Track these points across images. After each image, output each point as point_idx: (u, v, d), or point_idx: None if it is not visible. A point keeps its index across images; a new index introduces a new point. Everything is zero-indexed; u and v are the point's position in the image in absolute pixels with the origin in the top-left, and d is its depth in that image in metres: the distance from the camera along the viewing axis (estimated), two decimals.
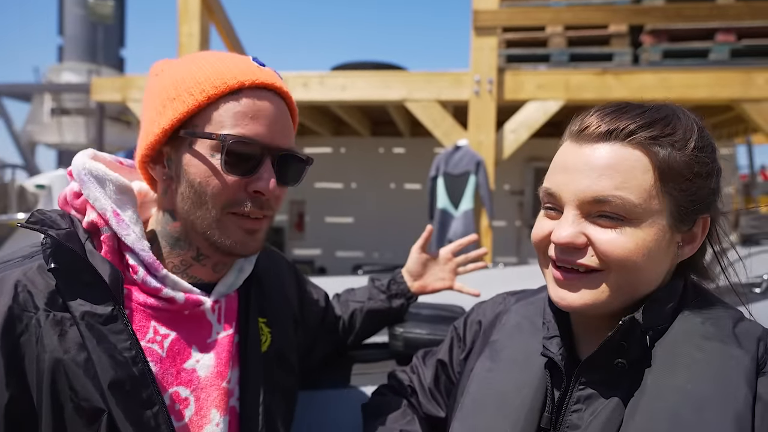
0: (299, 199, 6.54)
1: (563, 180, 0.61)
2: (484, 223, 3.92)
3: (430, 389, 0.89)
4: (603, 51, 4.08)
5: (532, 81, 3.88)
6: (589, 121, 0.62)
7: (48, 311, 0.61)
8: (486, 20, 3.83)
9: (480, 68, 3.84)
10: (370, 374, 1.09)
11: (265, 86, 0.71)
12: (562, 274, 0.62)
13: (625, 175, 0.58)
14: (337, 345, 1.12)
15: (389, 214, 6.11)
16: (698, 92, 3.66)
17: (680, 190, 0.59)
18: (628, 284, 0.60)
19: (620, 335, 0.58)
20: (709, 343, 0.57)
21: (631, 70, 3.83)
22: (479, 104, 3.85)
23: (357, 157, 6.39)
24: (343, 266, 6.04)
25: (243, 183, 0.69)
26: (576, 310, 0.62)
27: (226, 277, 0.79)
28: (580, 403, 0.60)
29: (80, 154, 0.73)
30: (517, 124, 3.89)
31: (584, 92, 3.79)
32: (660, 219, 0.59)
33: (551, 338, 0.66)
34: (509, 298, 0.85)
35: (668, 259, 0.61)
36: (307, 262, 6.02)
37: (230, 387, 0.76)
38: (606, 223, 0.59)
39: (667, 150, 0.59)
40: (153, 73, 0.75)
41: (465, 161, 3.81)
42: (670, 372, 0.56)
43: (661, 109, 0.62)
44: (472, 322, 0.86)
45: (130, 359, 0.62)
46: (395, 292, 1.14)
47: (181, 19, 4.21)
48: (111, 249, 0.69)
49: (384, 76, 4.11)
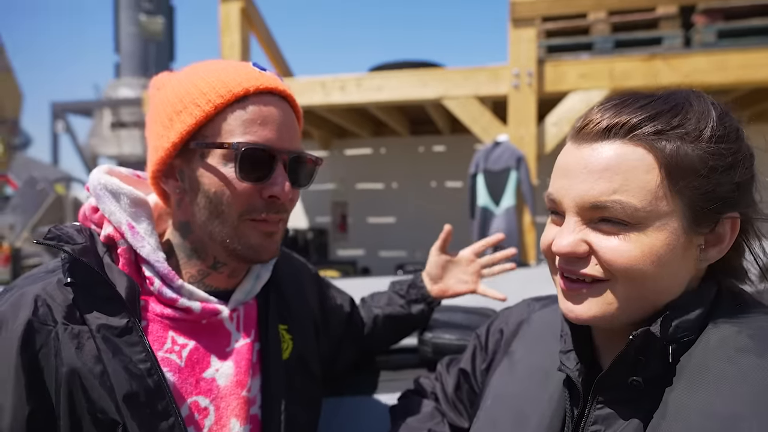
0: (341, 200, 6.59)
1: (563, 185, 0.56)
2: (527, 219, 3.79)
3: (452, 398, 0.85)
4: (651, 35, 3.84)
5: (574, 71, 3.70)
6: (590, 117, 0.56)
7: (66, 325, 0.62)
8: (524, 11, 3.69)
9: (519, 61, 3.71)
10: (398, 381, 1.07)
11: (269, 91, 0.70)
12: (566, 284, 0.57)
13: (626, 176, 0.51)
14: (363, 351, 1.09)
15: (431, 212, 6.04)
16: (758, 73, 3.37)
17: (693, 188, 0.51)
18: (639, 294, 0.53)
19: (635, 350, 0.52)
20: (743, 356, 0.50)
21: (682, 53, 3.58)
22: (519, 98, 3.73)
23: (397, 156, 6.37)
24: (387, 266, 6.03)
25: (258, 189, 0.70)
26: (585, 323, 0.57)
27: (243, 284, 0.79)
28: (598, 424, 0.55)
29: (96, 169, 0.75)
30: (559, 117, 3.74)
31: (630, 80, 3.58)
32: (671, 221, 0.52)
33: (568, 352, 0.61)
34: (534, 304, 0.80)
35: (688, 264, 0.54)
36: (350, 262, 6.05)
37: (251, 395, 0.75)
38: (609, 228, 0.53)
39: (676, 144, 0.51)
40: (155, 87, 0.76)
41: (505, 157, 3.70)
42: (695, 390, 0.50)
43: (671, 97, 0.55)
44: (495, 331, 0.82)
45: (145, 371, 0.62)
46: (414, 297, 1.08)
47: (223, 30, 4.34)
48: (128, 261, 0.70)
49: (420, 74, 4.06)
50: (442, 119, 5.26)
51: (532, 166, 3.70)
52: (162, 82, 0.75)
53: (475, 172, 3.91)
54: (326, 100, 4.22)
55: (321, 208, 6.62)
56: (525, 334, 0.74)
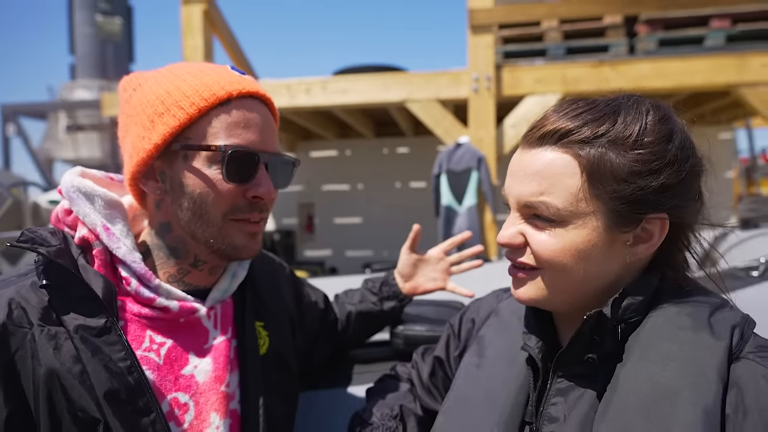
0: (308, 202, 6.55)
1: (508, 183, 0.63)
2: (488, 217, 3.90)
3: (427, 384, 0.88)
4: (599, 43, 4.02)
5: (529, 76, 3.84)
6: (534, 124, 0.61)
7: (42, 326, 0.61)
8: (481, 18, 3.80)
9: (477, 66, 3.82)
10: (372, 373, 1.09)
11: (251, 95, 0.71)
12: (510, 270, 0.64)
13: (552, 180, 0.57)
14: (338, 346, 1.11)
15: (396, 212, 6.10)
16: (695, 79, 3.61)
17: (612, 191, 0.56)
18: (563, 282, 0.59)
19: (590, 329, 0.57)
20: (682, 333, 0.55)
21: (627, 60, 3.78)
22: (478, 101, 3.83)
23: (362, 158, 6.39)
24: (354, 265, 6.04)
25: (242, 190, 0.71)
26: (525, 303, 0.64)
27: (219, 283, 0.79)
28: (558, 396, 0.60)
29: (68, 172, 0.73)
30: (517, 119, 3.86)
31: (581, 84, 3.75)
32: (592, 221, 0.57)
33: (529, 333, 0.66)
34: (502, 294, 0.84)
35: (614, 258, 0.59)
36: (318, 263, 6.03)
37: (230, 391, 0.76)
38: (540, 224, 0.60)
39: (599, 151, 0.56)
40: (129, 88, 0.74)
41: (467, 158, 3.79)
42: (643, 364, 0.55)
43: (606, 105, 0.59)
44: (467, 320, 0.85)
45: (125, 369, 0.62)
46: (386, 295, 1.10)
47: (185, 33, 4.24)
48: (103, 262, 0.69)
49: (384, 78, 4.10)
50: (405, 121, 5.32)
51: (492, 166, 3.80)
52: (137, 83, 0.73)
53: (438, 172, 3.98)
54: (292, 103, 4.19)
55: (288, 209, 6.56)
56: (494, 322, 0.78)
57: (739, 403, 0.50)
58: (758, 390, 0.50)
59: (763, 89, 3.54)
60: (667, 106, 0.61)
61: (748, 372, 0.51)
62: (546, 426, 0.59)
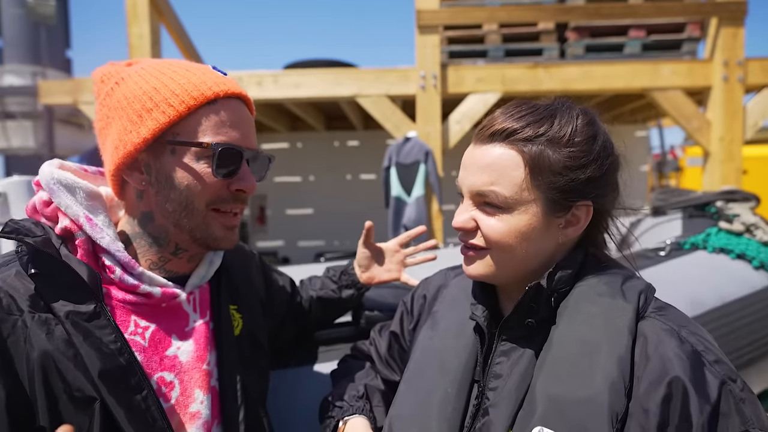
0: (260, 193, 6.42)
1: (462, 175, 0.70)
2: (434, 207, 4.03)
3: (385, 357, 0.94)
4: (534, 46, 4.24)
5: (472, 75, 3.99)
6: (485, 123, 0.69)
7: (33, 313, 0.62)
8: (428, 19, 3.89)
9: (425, 64, 3.91)
10: (337, 350, 1.14)
11: (234, 95, 0.74)
12: (462, 250, 0.71)
13: (500, 172, 0.65)
14: (303, 327, 1.16)
15: (347, 203, 6.13)
16: (616, 82, 3.89)
17: (550, 182, 0.65)
18: (508, 259, 0.68)
19: (529, 299, 0.66)
20: (601, 298, 0.65)
21: (558, 63, 4.01)
22: (425, 98, 3.93)
23: (313, 151, 6.34)
24: (306, 255, 6.01)
25: (226, 183, 0.74)
26: (475, 278, 0.72)
27: (198, 270, 0.82)
28: (502, 356, 0.68)
29: (46, 164, 0.73)
30: (461, 116, 4.00)
31: (518, 84, 3.94)
32: (532, 207, 0.65)
33: (476, 304, 0.74)
34: (449, 272, 0.91)
35: (550, 239, 0.68)
36: (271, 253, 5.95)
37: (210, 369, 0.79)
38: (489, 210, 0.67)
39: (539, 148, 0.64)
40: (110, 81, 0.74)
41: (415, 151, 3.89)
42: (571, 324, 0.64)
43: (545, 108, 0.68)
44: (419, 297, 0.92)
45: (116, 350, 0.64)
46: (346, 283, 1.14)
47: (130, 21, 4.01)
48: (86, 252, 0.70)
49: (336, 73, 4.10)
50: (356, 116, 5.34)
51: (438, 159, 3.93)
52: (119, 76, 0.73)
53: (388, 165, 4.06)
54: None
55: None
56: (444, 298, 0.85)
57: (643, 351, 0.61)
58: (658, 339, 0.61)
59: (672, 93, 3.89)
60: (592, 110, 0.70)
61: (650, 327, 0.62)
62: (492, 382, 0.67)
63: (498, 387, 0.66)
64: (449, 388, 0.70)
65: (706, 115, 3.93)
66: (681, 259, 1.46)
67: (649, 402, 0.57)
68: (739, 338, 1.27)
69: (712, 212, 1.71)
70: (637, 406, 0.57)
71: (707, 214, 1.72)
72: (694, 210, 1.76)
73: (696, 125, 3.92)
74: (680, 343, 0.59)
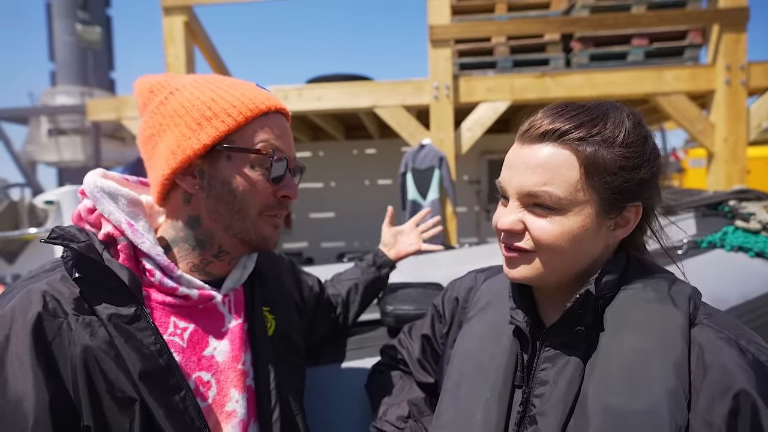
0: None
1: (508, 176, 0.63)
2: (448, 210, 3.97)
3: (419, 360, 0.89)
4: (540, 57, 4.15)
5: (482, 85, 3.92)
6: (531, 123, 0.62)
7: (77, 315, 0.59)
8: (440, 34, 3.84)
9: (437, 76, 3.86)
10: (366, 348, 1.10)
11: (279, 110, 0.75)
12: (505, 252, 0.64)
13: (554, 172, 0.58)
14: (334, 323, 1.12)
15: (365, 207, 6.10)
16: (619, 89, 3.79)
17: (605, 183, 0.58)
18: (558, 263, 0.61)
19: (578, 305, 0.59)
20: (650, 305, 0.59)
21: (564, 72, 3.92)
22: (439, 107, 3.88)
23: (334, 159, 6.34)
24: (328, 255, 6.01)
25: (274, 190, 0.73)
26: (518, 282, 0.64)
27: (232, 273, 0.79)
28: (547, 363, 0.61)
29: (91, 173, 0.70)
30: (472, 123, 3.94)
31: (527, 93, 3.86)
32: (587, 208, 0.59)
33: (516, 308, 0.68)
34: (479, 275, 0.85)
35: (600, 241, 0.61)
36: (296, 254, 5.96)
37: (245, 369, 0.75)
38: (540, 212, 0.60)
39: (594, 148, 0.58)
40: (163, 91, 0.72)
41: (429, 157, 3.84)
42: (619, 333, 0.58)
43: (594, 109, 0.62)
44: (449, 299, 0.86)
45: (155, 352, 0.61)
46: (380, 263, 1.20)
47: (167, 43, 4.07)
48: (128, 256, 0.67)
49: (354, 86, 4.08)
50: (373, 125, 5.32)
51: (452, 164, 3.87)
52: (172, 87, 0.72)
53: (404, 170, 4.02)
54: None
55: None
56: (477, 301, 0.79)
57: (699, 360, 0.54)
58: (716, 348, 0.54)
59: (676, 98, 3.76)
60: (638, 113, 0.64)
61: (705, 335, 0.56)
62: (538, 388, 0.61)
63: (545, 394, 0.60)
64: (488, 393, 0.64)
65: (709, 118, 3.79)
66: (699, 257, 1.37)
67: (713, 416, 0.50)
68: (764, 335, 1.18)
69: (725, 211, 1.62)
70: (698, 420, 0.51)
71: (720, 213, 1.63)
72: (707, 209, 1.67)
73: (700, 128, 3.78)
74: (741, 353, 0.53)
